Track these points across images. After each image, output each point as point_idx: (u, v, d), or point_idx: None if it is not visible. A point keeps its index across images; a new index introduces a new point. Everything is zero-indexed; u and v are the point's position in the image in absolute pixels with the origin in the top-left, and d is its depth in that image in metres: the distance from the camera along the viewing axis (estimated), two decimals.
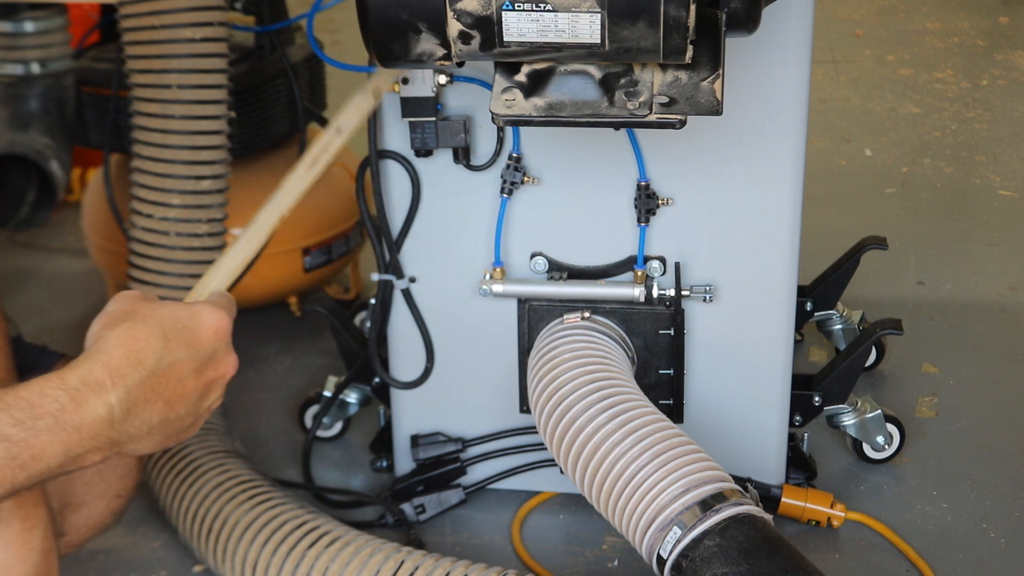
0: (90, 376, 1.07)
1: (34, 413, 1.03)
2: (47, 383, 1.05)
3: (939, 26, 4.64)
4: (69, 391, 1.05)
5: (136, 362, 1.10)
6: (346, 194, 2.49)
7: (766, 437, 1.87)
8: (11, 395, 1.04)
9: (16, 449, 1.02)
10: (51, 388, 1.05)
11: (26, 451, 1.02)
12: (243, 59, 2.31)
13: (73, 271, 2.83)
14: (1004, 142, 3.50)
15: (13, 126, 2.40)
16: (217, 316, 1.19)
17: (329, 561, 1.66)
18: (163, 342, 1.12)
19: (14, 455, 1.02)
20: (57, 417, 1.04)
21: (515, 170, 1.76)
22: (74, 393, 1.05)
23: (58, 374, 1.06)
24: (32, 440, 1.02)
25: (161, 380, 1.11)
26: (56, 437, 1.03)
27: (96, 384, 1.07)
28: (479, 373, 1.90)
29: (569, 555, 1.87)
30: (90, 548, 1.87)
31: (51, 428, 1.03)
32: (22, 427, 1.02)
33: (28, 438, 1.02)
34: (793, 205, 1.73)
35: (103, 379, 1.07)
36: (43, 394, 1.04)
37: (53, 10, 2.43)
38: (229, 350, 1.20)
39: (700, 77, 1.33)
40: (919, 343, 2.42)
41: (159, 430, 1.13)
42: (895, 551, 1.86)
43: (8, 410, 1.02)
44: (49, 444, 1.03)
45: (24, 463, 1.02)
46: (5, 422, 1.02)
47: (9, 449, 1.01)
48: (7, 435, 1.01)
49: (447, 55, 1.32)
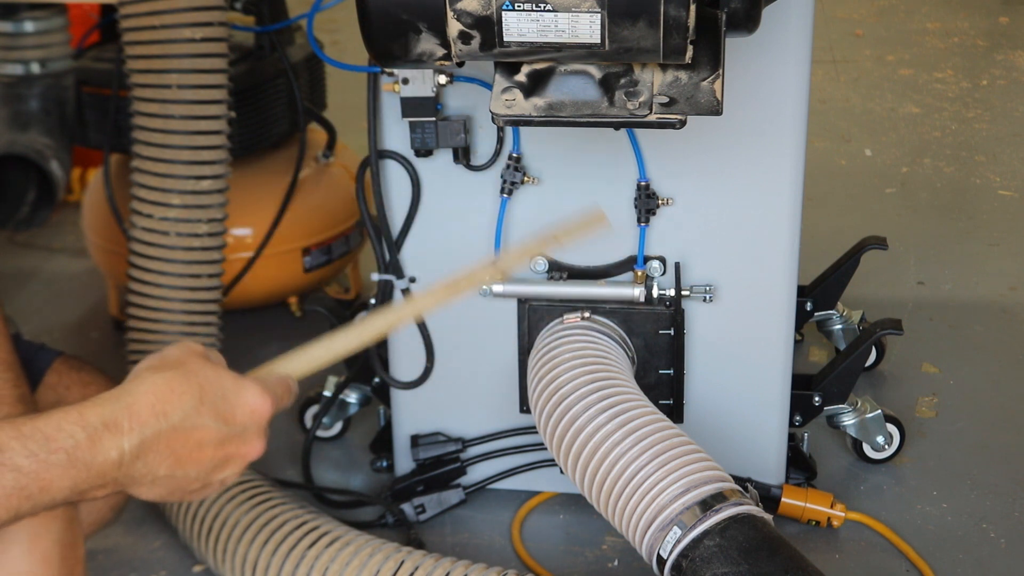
0: (110, 417, 1.07)
1: (48, 447, 1.04)
2: (66, 417, 1.06)
3: (939, 26, 4.63)
4: (87, 429, 1.06)
5: (160, 413, 1.10)
6: (346, 194, 2.49)
7: (766, 437, 1.87)
8: (28, 426, 1.04)
9: (25, 480, 1.02)
10: (69, 424, 1.06)
11: (35, 483, 1.03)
12: (243, 59, 2.31)
13: (73, 271, 2.83)
14: (1004, 142, 3.50)
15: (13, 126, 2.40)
16: (261, 399, 1.17)
17: (329, 561, 1.66)
18: (195, 403, 1.12)
19: (23, 486, 1.03)
20: (71, 453, 1.04)
21: (515, 170, 1.76)
22: (91, 432, 1.06)
23: (78, 409, 1.07)
24: (43, 473, 1.03)
25: (179, 438, 1.11)
26: (66, 472, 1.04)
27: (114, 426, 1.07)
28: (479, 373, 1.90)
29: (569, 555, 1.87)
30: (90, 548, 1.86)
31: (62, 464, 1.04)
32: (34, 459, 1.03)
33: (39, 471, 1.03)
34: (793, 205, 1.73)
35: (122, 422, 1.08)
36: (60, 428, 1.05)
37: (53, 10, 2.42)
38: (260, 435, 1.18)
39: (700, 77, 1.33)
40: (919, 343, 2.42)
41: (163, 483, 1.12)
42: (895, 551, 1.86)
43: (23, 440, 1.03)
44: (58, 478, 1.04)
45: (31, 494, 1.03)
46: (19, 452, 1.03)
47: (18, 480, 1.02)
48: (19, 466, 1.02)
49: (447, 55, 1.32)
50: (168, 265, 1.97)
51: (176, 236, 1.96)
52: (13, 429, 1.04)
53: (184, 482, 1.13)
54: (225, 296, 2.09)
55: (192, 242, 1.97)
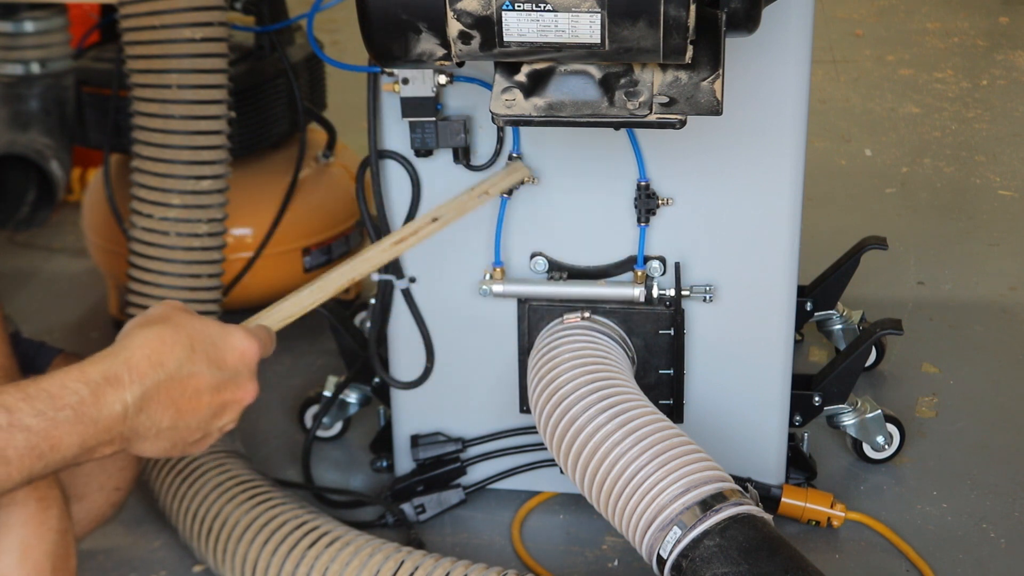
0: (110, 372, 1.10)
1: (55, 404, 1.06)
2: (68, 376, 1.09)
3: (939, 26, 4.63)
4: (89, 385, 1.08)
5: (157, 364, 1.13)
6: (346, 194, 2.49)
7: (766, 437, 1.87)
8: (33, 386, 1.07)
9: (36, 439, 1.05)
10: (72, 381, 1.08)
11: (45, 441, 1.05)
12: (243, 59, 2.31)
13: (73, 271, 2.83)
14: (1004, 142, 3.50)
15: (13, 126, 2.40)
16: (248, 342, 1.22)
17: (329, 561, 1.66)
18: (187, 351, 1.15)
19: (34, 445, 1.05)
20: (76, 409, 1.07)
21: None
22: (94, 387, 1.09)
23: (79, 367, 1.10)
24: (52, 431, 1.06)
25: (178, 387, 1.14)
26: (74, 429, 1.07)
27: (115, 380, 1.10)
28: (479, 373, 1.90)
29: (569, 555, 1.87)
30: (90, 548, 1.87)
31: (70, 420, 1.06)
32: (43, 418, 1.05)
33: (48, 428, 1.06)
34: (793, 205, 1.73)
35: (122, 376, 1.10)
36: (64, 386, 1.08)
37: (53, 10, 2.42)
38: (252, 377, 1.22)
39: (700, 77, 1.33)
40: (919, 343, 2.42)
41: (166, 435, 1.15)
42: (895, 551, 1.86)
43: (30, 401, 1.06)
44: (67, 435, 1.06)
45: (43, 453, 1.06)
46: (27, 412, 1.05)
47: (29, 439, 1.05)
48: (28, 425, 1.05)
49: (447, 55, 1.32)
50: (168, 265, 1.97)
51: (176, 236, 1.97)
52: (19, 391, 1.06)
53: (186, 433, 1.16)
54: (225, 296, 2.10)
55: (192, 242, 1.97)
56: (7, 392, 1.06)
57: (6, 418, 1.04)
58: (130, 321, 1.18)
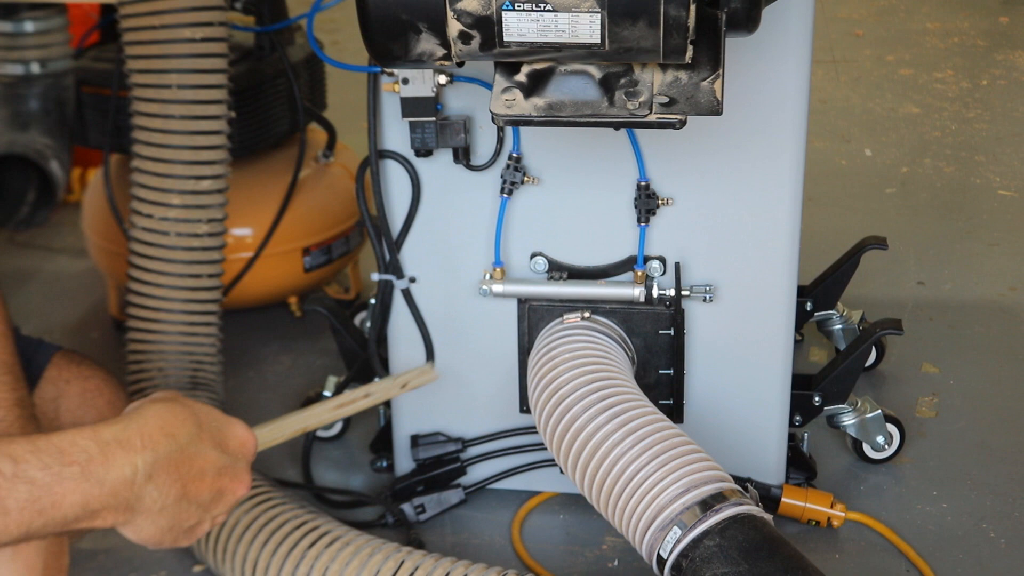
0: (123, 436, 1.10)
1: (62, 460, 1.05)
2: (79, 434, 1.08)
3: (939, 26, 4.63)
4: (100, 444, 1.08)
5: (169, 435, 1.13)
6: (346, 194, 2.49)
7: (766, 437, 1.87)
8: (43, 440, 1.06)
9: (39, 493, 1.03)
10: (83, 439, 1.07)
11: (48, 496, 1.04)
12: (243, 59, 2.31)
13: (73, 271, 2.83)
14: (1004, 142, 3.50)
15: (13, 126, 2.40)
16: (248, 433, 1.24)
17: (329, 561, 1.66)
18: (196, 429, 1.16)
19: (36, 498, 1.03)
20: (84, 467, 1.06)
21: (515, 170, 1.76)
22: (104, 447, 1.08)
23: (92, 428, 1.09)
24: (56, 487, 1.04)
25: (186, 462, 1.15)
26: (78, 487, 1.05)
27: (127, 443, 1.09)
28: (479, 373, 1.90)
29: (569, 555, 1.87)
30: (90, 548, 1.87)
31: (75, 477, 1.05)
32: (48, 472, 1.04)
33: (52, 484, 1.04)
34: (793, 205, 1.73)
35: (134, 440, 1.10)
36: (74, 443, 1.07)
37: (53, 10, 2.43)
38: (248, 470, 1.23)
39: (700, 77, 1.33)
40: (919, 343, 2.42)
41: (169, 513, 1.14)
42: (895, 551, 1.86)
43: (38, 454, 1.05)
44: (71, 492, 1.05)
45: (44, 508, 1.04)
46: (34, 465, 1.04)
47: (32, 492, 1.03)
48: (33, 478, 1.04)
49: (447, 55, 1.32)
50: (168, 265, 1.97)
51: (176, 236, 1.97)
52: (29, 443, 1.05)
53: (185, 515, 1.16)
54: (225, 296, 2.10)
55: (192, 242, 1.97)
56: (16, 443, 1.05)
57: (11, 468, 1.03)
58: (136, 401, 1.19)
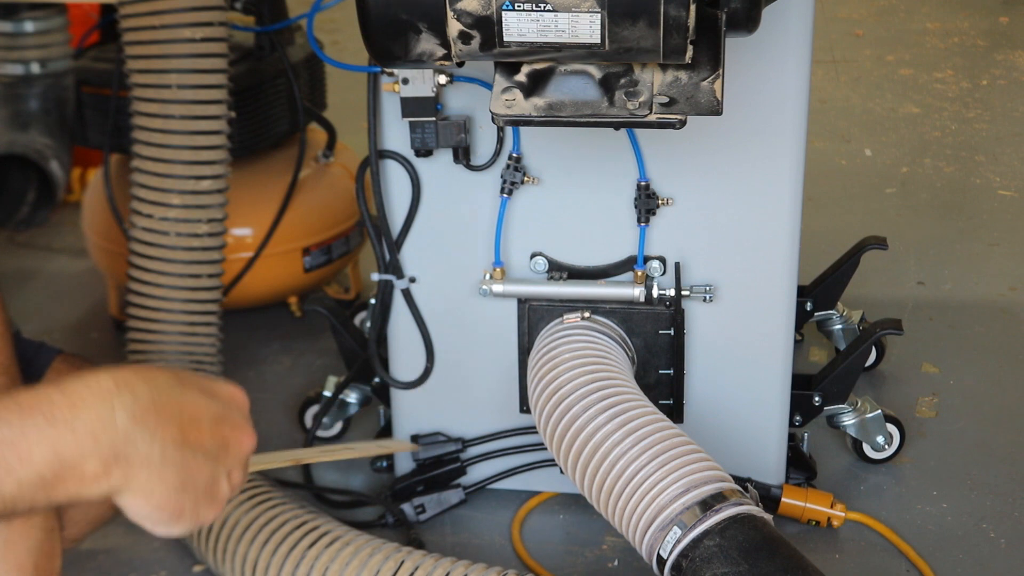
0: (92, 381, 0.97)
1: (23, 412, 0.94)
2: (44, 387, 0.97)
3: (939, 26, 4.63)
4: (66, 392, 0.96)
5: (147, 379, 1.00)
6: (346, 194, 2.49)
7: (766, 437, 1.87)
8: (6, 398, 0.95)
9: (3, 450, 0.92)
10: (46, 390, 0.96)
11: (12, 452, 0.92)
12: (243, 59, 2.31)
13: (73, 271, 2.82)
14: (1004, 142, 3.50)
15: (13, 126, 2.40)
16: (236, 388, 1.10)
17: (329, 561, 1.66)
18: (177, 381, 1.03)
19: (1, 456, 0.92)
20: (47, 414, 0.94)
21: (515, 170, 1.76)
22: (71, 393, 0.96)
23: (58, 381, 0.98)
24: (19, 441, 0.93)
25: (175, 407, 1.01)
26: (44, 435, 0.93)
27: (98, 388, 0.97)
28: (479, 373, 1.90)
29: (569, 555, 1.87)
30: (90, 548, 1.87)
31: (39, 425, 0.93)
32: (9, 427, 0.93)
33: (15, 438, 0.93)
34: (793, 205, 1.73)
35: (106, 384, 0.98)
36: (36, 395, 0.96)
37: (53, 10, 2.43)
38: (247, 421, 1.08)
39: (700, 77, 1.33)
40: (919, 343, 2.42)
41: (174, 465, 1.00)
42: (895, 551, 1.86)
43: None
44: (36, 443, 0.93)
45: (11, 466, 0.92)
46: None
47: None
48: None
49: (447, 55, 1.32)
50: (168, 265, 1.97)
51: (176, 236, 1.97)
52: None
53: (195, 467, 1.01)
54: (225, 296, 2.10)
55: (192, 242, 1.97)
56: None
57: None
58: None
